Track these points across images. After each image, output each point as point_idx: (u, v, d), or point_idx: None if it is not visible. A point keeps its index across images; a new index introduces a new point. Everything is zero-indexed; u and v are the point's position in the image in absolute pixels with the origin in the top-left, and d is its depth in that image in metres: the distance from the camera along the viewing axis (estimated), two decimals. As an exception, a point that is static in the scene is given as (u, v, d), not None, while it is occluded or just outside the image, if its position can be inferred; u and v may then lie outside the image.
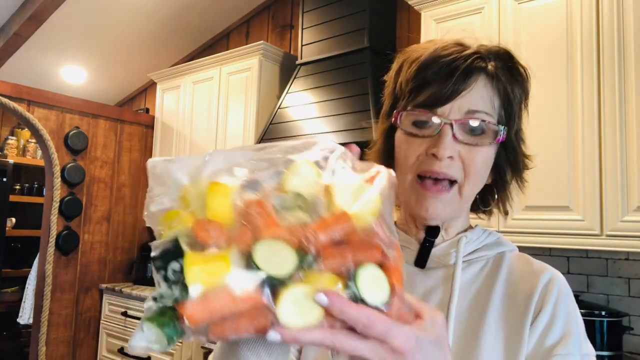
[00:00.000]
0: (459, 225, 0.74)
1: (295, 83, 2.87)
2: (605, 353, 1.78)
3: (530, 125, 2.14)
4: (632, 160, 1.78)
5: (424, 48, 0.69)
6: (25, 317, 3.73)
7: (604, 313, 1.81)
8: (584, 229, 1.85)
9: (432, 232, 0.71)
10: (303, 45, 2.92)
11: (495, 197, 0.74)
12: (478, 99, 0.66)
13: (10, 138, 4.23)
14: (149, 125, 3.83)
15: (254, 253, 0.39)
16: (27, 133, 4.31)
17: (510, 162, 0.72)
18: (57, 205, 3.23)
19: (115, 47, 3.84)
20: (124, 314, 3.22)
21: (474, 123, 0.65)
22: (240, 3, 3.67)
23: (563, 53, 1.97)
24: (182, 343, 2.76)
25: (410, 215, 0.72)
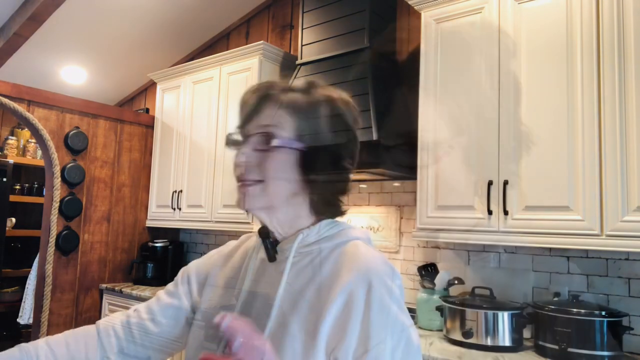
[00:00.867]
0: (299, 224, 0.88)
1: (295, 83, 2.87)
2: (605, 353, 1.78)
3: (531, 125, 2.16)
4: (632, 160, 1.78)
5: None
6: (25, 317, 3.73)
7: (604, 313, 1.81)
8: (584, 229, 1.85)
9: (264, 232, 0.91)
10: (303, 45, 2.92)
11: (315, 198, 0.87)
12: (268, 116, 0.85)
13: (10, 138, 4.23)
14: (149, 125, 3.83)
15: None
16: (27, 133, 4.31)
17: (313, 166, 0.85)
18: (57, 205, 3.23)
19: (115, 47, 3.84)
20: (124, 314, 3.23)
21: (260, 132, 0.84)
22: (240, 3, 3.67)
23: (563, 53, 1.97)
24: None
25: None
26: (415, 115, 2.53)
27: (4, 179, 3.97)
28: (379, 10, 2.75)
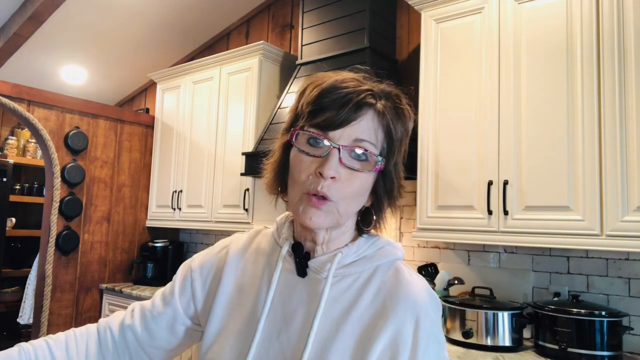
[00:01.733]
0: (341, 242, 0.82)
1: (296, 83, 2.87)
2: (605, 353, 1.78)
3: (531, 125, 2.16)
4: (632, 161, 1.78)
5: (328, 77, 0.79)
6: (25, 317, 3.73)
7: (604, 313, 1.81)
8: (584, 229, 1.85)
9: (297, 248, 0.82)
10: (303, 45, 2.92)
11: (374, 218, 0.83)
12: (365, 130, 0.76)
13: (10, 138, 4.23)
14: (149, 125, 3.83)
15: None
16: (27, 133, 4.31)
17: (387, 190, 0.81)
18: (57, 205, 3.23)
19: (115, 47, 3.84)
20: (124, 314, 3.23)
21: (359, 151, 0.75)
22: (240, 3, 3.67)
23: (563, 53, 1.97)
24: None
25: (301, 226, 0.82)
26: (415, 115, 2.54)
27: (4, 179, 3.97)
28: (379, 10, 2.75)
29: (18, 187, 4.37)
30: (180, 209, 3.48)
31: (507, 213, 2.04)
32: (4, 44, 3.38)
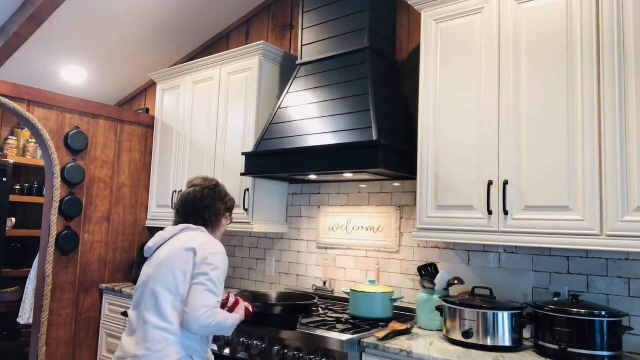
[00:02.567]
0: None
1: (296, 83, 2.87)
2: (605, 353, 1.78)
3: (531, 125, 2.15)
4: (632, 161, 1.78)
5: None
6: (25, 317, 3.73)
7: (604, 313, 1.81)
8: (584, 229, 1.85)
9: None
10: (303, 45, 2.92)
11: None
12: None
13: (10, 138, 4.23)
14: (149, 125, 3.83)
15: None
16: (27, 133, 4.31)
17: None
18: (57, 205, 3.24)
19: (115, 47, 3.84)
20: (124, 314, 3.22)
21: None
22: (240, 3, 3.67)
23: (563, 53, 1.97)
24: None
25: None
26: (415, 115, 2.54)
27: (4, 179, 3.97)
28: (379, 10, 2.75)
29: (18, 187, 4.37)
30: (180, 209, 3.47)
31: (507, 213, 2.04)
32: (4, 44, 3.38)
